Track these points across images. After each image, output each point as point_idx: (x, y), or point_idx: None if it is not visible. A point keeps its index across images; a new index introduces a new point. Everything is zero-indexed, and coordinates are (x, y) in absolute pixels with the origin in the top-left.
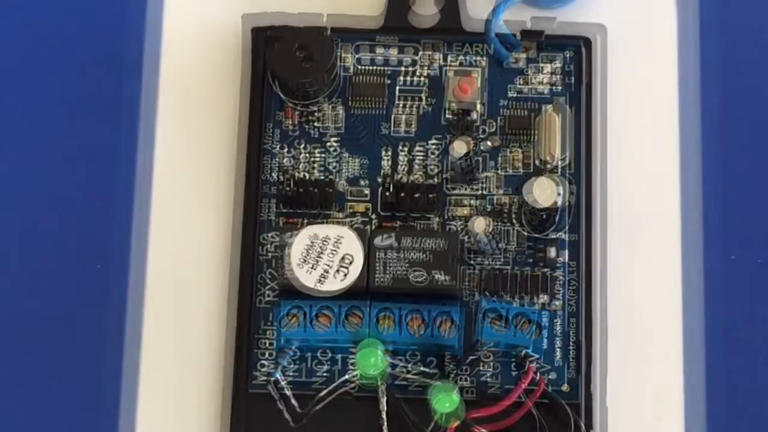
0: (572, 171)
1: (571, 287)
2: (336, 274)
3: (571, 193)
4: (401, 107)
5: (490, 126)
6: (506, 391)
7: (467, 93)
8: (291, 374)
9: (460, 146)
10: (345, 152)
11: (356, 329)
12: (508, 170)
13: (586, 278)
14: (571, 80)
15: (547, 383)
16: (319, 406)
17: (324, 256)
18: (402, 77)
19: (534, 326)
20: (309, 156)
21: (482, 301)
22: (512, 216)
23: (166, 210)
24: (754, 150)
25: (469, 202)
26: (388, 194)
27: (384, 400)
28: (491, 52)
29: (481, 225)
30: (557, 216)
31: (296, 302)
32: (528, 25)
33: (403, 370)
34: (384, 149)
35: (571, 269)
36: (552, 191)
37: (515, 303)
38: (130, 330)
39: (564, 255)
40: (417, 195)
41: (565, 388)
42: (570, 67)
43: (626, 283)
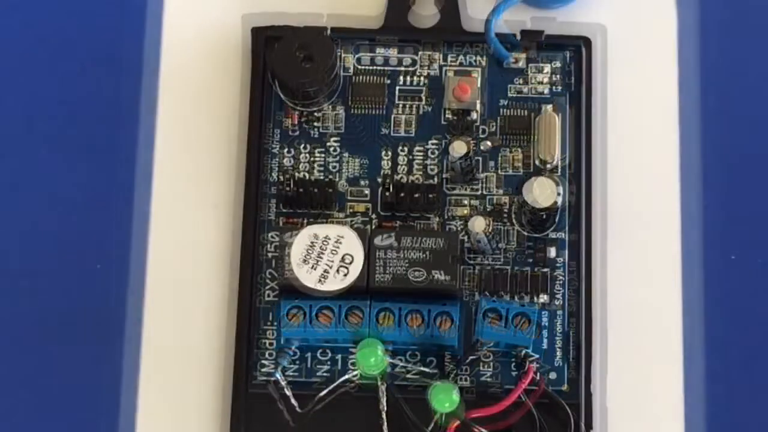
0: (572, 171)
1: (571, 287)
2: (336, 274)
3: (571, 193)
4: (401, 107)
5: (490, 126)
6: (506, 391)
7: (467, 93)
8: (291, 374)
9: (460, 146)
10: (345, 152)
11: (356, 328)
12: (508, 170)
13: (586, 278)
14: (571, 80)
15: (547, 383)
16: (319, 406)
17: (324, 256)
18: (402, 77)
19: (534, 326)
20: (309, 156)
21: (482, 301)
22: (512, 216)
23: (166, 210)
24: (754, 150)
25: (469, 202)
26: (388, 194)
27: (384, 400)
28: (491, 52)
29: (481, 225)
30: (557, 216)
31: (296, 302)
32: (528, 25)
33: (403, 370)
34: (384, 149)
35: (571, 269)
36: (552, 191)
37: (515, 303)
38: (130, 330)
39: (564, 255)
40: (417, 195)
41: (565, 388)
42: (570, 67)
43: (626, 283)
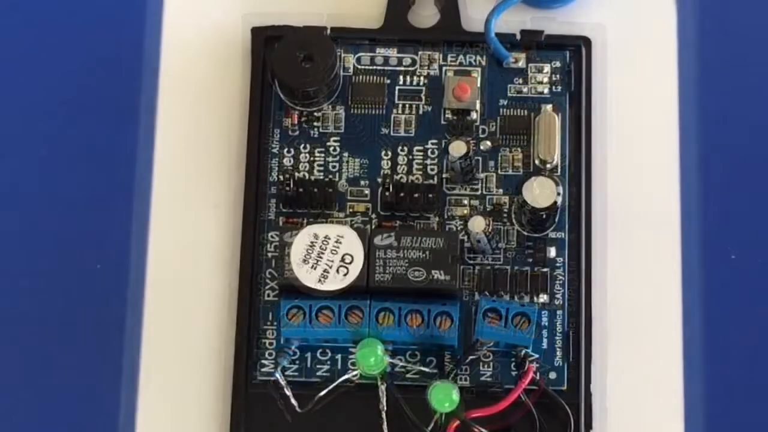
0: (572, 171)
1: (571, 287)
2: (336, 274)
3: (571, 193)
4: (401, 107)
5: (490, 126)
6: (506, 391)
7: (467, 93)
8: (291, 374)
9: (460, 146)
10: (345, 152)
11: (356, 328)
12: (508, 170)
13: (586, 278)
14: (571, 80)
15: (547, 383)
16: (319, 406)
17: (324, 256)
18: (402, 77)
19: (533, 326)
20: (309, 156)
21: (482, 301)
22: (512, 216)
23: (166, 210)
24: (754, 149)
25: (469, 202)
26: (388, 194)
27: (384, 400)
28: (491, 52)
29: (481, 224)
30: (557, 216)
31: (296, 302)
32: (528, 25)
33: (403, 370)
34: (384, 149)
35: (571, 269)
36: (551, 191)
37: (515, 302)
38: (130, 330)
39: (564, 255)
40: (416, 195)
41: (565, 388)
42: (570, 67)
43: (626, 283)
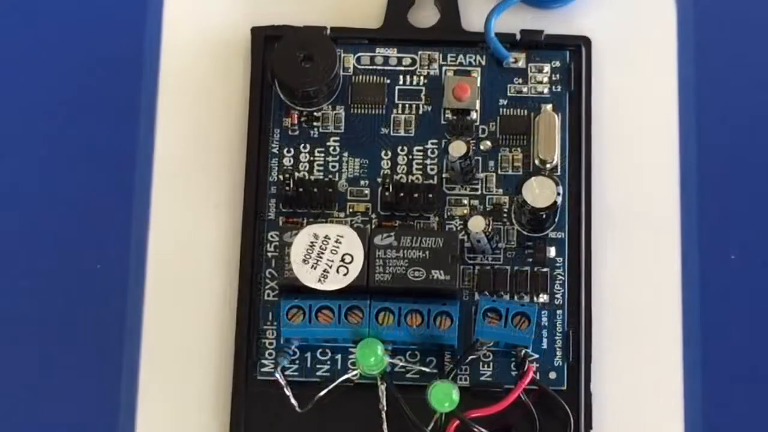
0: (572, 171)
1: (571, 287)
2: (336, 273)
3: (571, 193)
4: (401, 107)
5: (490, 126)
6: (506, 391)
7: (467, 93)
8: (291, 373)
9: (459, 146)
10: (345, 152)
11: (356, 327)
12: (508, 170)
13: (586, 278)
14: (571, 80)
15: (547, 383)
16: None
17: (324, 255)
18: (401, 77)
19: (533, 325)
20: (309, 156)
21: (481, 301)
22: (511, 215)
23: (166, 210)
24: (754, 149)
25: (468, 202)
26: (388, 194)
27: (384, 400)
28: (491, 52)
29: (480, 224)
30: (556, 215)
31: (296, 301)
32: (528, 25)
33: (403, 370)
34: (384, 149)
35: (571, 269)
36: (551, 191)
37: (514, 302)
38: (130, 330)
39: (563, 254)
40: (416, 195)
41: (565, 388)
42: (569, 67)
43: (626, 283)
